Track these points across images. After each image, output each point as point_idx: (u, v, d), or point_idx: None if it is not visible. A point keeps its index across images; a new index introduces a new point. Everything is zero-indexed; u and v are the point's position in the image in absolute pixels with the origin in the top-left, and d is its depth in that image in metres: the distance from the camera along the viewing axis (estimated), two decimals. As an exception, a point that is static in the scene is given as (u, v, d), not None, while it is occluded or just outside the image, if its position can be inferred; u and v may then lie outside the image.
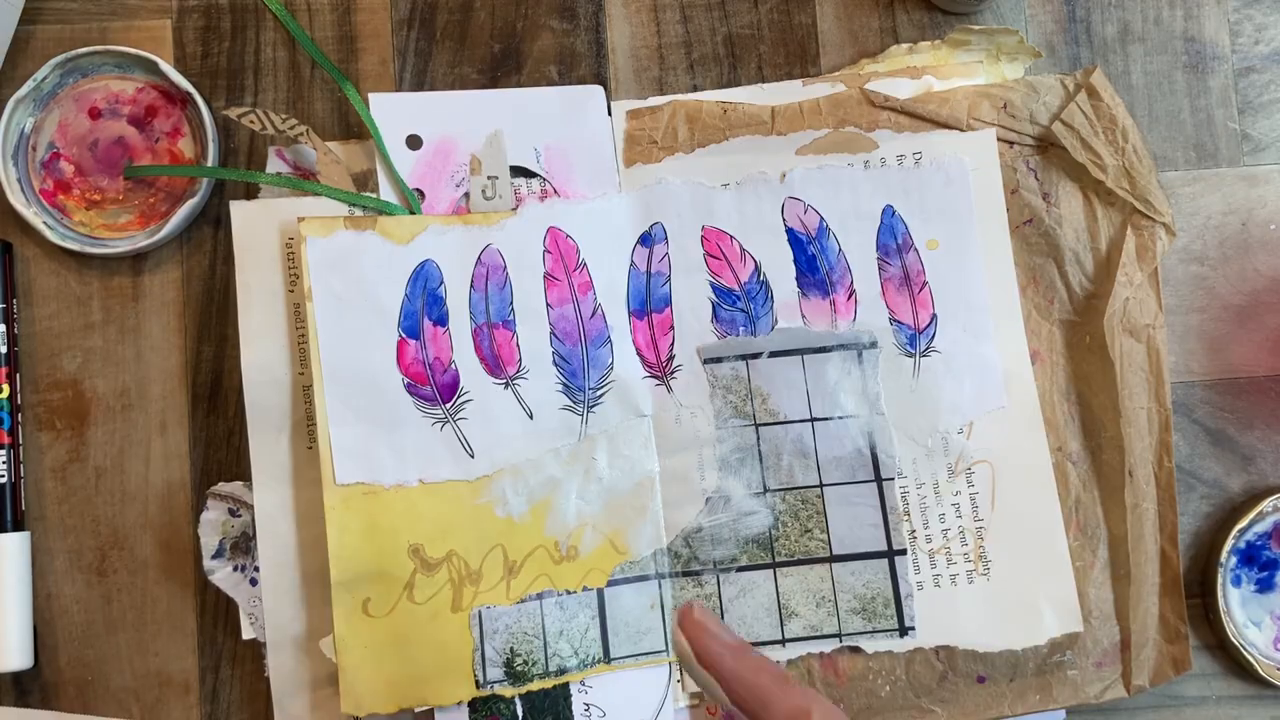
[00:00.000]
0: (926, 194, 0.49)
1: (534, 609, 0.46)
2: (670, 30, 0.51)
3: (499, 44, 0.51)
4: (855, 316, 0.49)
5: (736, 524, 0.48)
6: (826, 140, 0.49)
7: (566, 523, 0.47)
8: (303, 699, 0.46)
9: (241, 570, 0.47)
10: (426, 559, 0.46)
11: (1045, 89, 0.49)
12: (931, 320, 0.49)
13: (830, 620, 0.47)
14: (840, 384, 0.48)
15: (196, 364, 0.49)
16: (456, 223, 0.47)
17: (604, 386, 0.48)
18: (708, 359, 0.48)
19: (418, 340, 0.47)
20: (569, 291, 0.48)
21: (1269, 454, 0.50)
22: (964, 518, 0.48)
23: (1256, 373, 0.50)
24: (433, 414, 0.46)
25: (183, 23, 0.50)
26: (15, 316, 0.48)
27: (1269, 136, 0.51)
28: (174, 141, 0.49)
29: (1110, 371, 0.47)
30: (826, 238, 0.49)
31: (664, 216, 0.49)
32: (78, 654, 0.48)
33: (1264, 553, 0.49)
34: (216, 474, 0.48)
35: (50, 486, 0.48)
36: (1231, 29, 0.51)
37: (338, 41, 0.50)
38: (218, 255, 0.49)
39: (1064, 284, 0.49)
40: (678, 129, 0.49)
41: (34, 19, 0.50)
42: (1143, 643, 0.47)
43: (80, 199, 0.49)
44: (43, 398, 0.49)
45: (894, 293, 0.49)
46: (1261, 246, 0.50)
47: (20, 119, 0.48)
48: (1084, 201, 0.49)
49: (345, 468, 0.45)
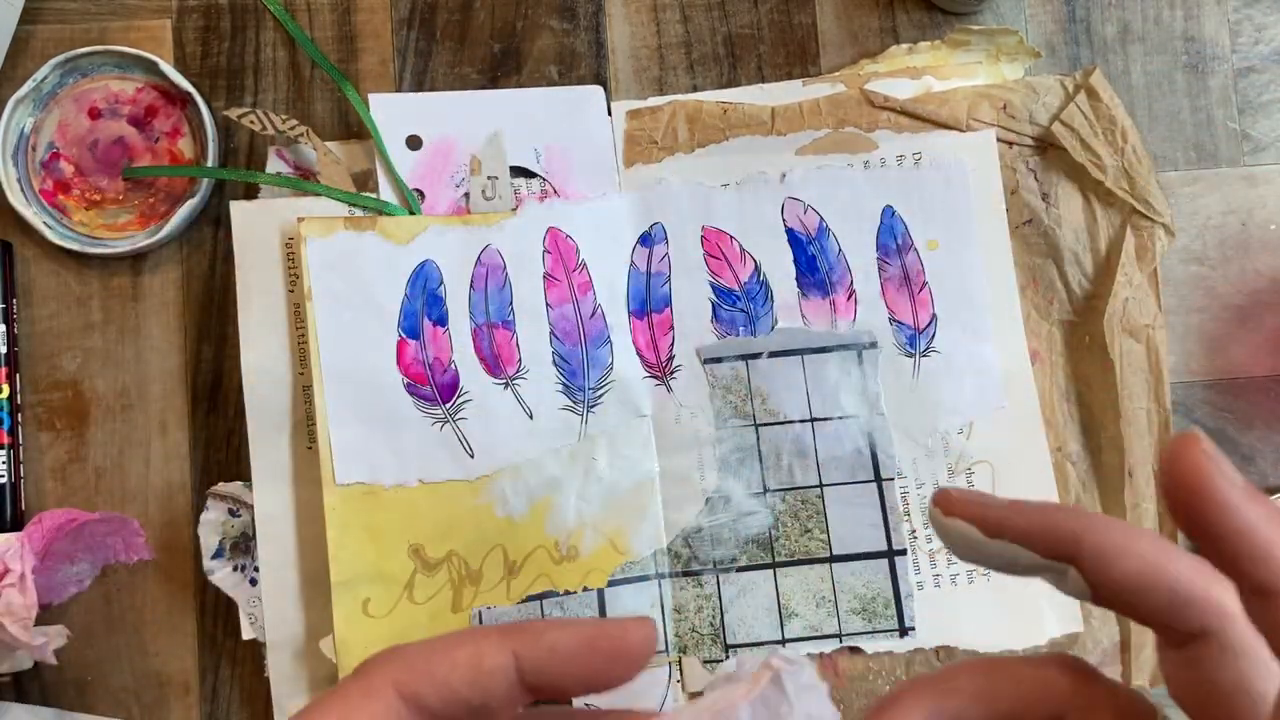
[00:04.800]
0: (926, 194, 0.49)
1: (534, 609, 0.46)
2: (670, 30, 0.51)
3: (499, 44, 0.51)
4: (855, 317, 0.49)
5: (736, 524, 0.48)
6: (826, 140, 0.49)
7: (566, 523, 0.47)
8: (303, 699, 0.46)
9: (241, 570, 0.47)
10: (426, 559, 0.46)
11: (1045, 89, 0.49)
12: (931, 320, 0.49)
13: (830, 620, 0.47)
14: (840, 384, 0.48)
15: (196, 364, 0.49)
16: (456, 223, 0.47)
17: (604, 386, 0.48)
18: (708, 359, 0.48)
19: (418, 340, 0.47)
20: (569, 291, 0.48)
21: (1269, 454, 0.50)
22: (964, 518, 0.48)
23: (1256, 373, 0.50)
24: (433, 414, 0.46)
25: (183, 23, 0.50)
26: (15, 316, 0.48)
27: (1269, 136, 0.51)
28: (174, 141, 0.49)
29: (1110, 372, 0.47)
30: (826, 238, 0.49)
31: (664, 216, 0.49)
32: (77, 654, 0.48)
33: (1264, 553, 0.49)
34: (216, 474, 0.48)
35: (50, 486, 0.48)
36: (1231, 29, 0.51)
37: (338, 41, 0.50)
38: (218, 255, 0.49)
39: (1063, 284, 0.49)
40: (678, 129, 0.49)
41: (34, 19, 0.50)
42: (1143, 643, 0.47)
43: (80, 199, 0.49)
44: (43, 398, 0.49)
45: (894, 293, 0.49)
46: (1261, 246, 0.50)
47: (20, 119, 0.48)
48: (1083, 202, 0.49)
49: (345, 468, 0.45)
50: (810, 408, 0.48)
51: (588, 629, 0.24)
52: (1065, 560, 0.24)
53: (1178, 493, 0.22)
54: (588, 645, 0.24)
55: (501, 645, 0.23)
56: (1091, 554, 0.23)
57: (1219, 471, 0.21)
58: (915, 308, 0.49)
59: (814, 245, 0.49)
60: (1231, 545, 0.21)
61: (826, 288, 0.49)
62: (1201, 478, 0.21)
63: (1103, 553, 0.23)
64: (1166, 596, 0.23)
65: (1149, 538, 0.23)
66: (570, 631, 0.24)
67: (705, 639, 0.47)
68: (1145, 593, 0.23)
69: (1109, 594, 0.23)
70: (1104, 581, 0.23)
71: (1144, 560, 0.23)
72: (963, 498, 0.25)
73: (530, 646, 0.23)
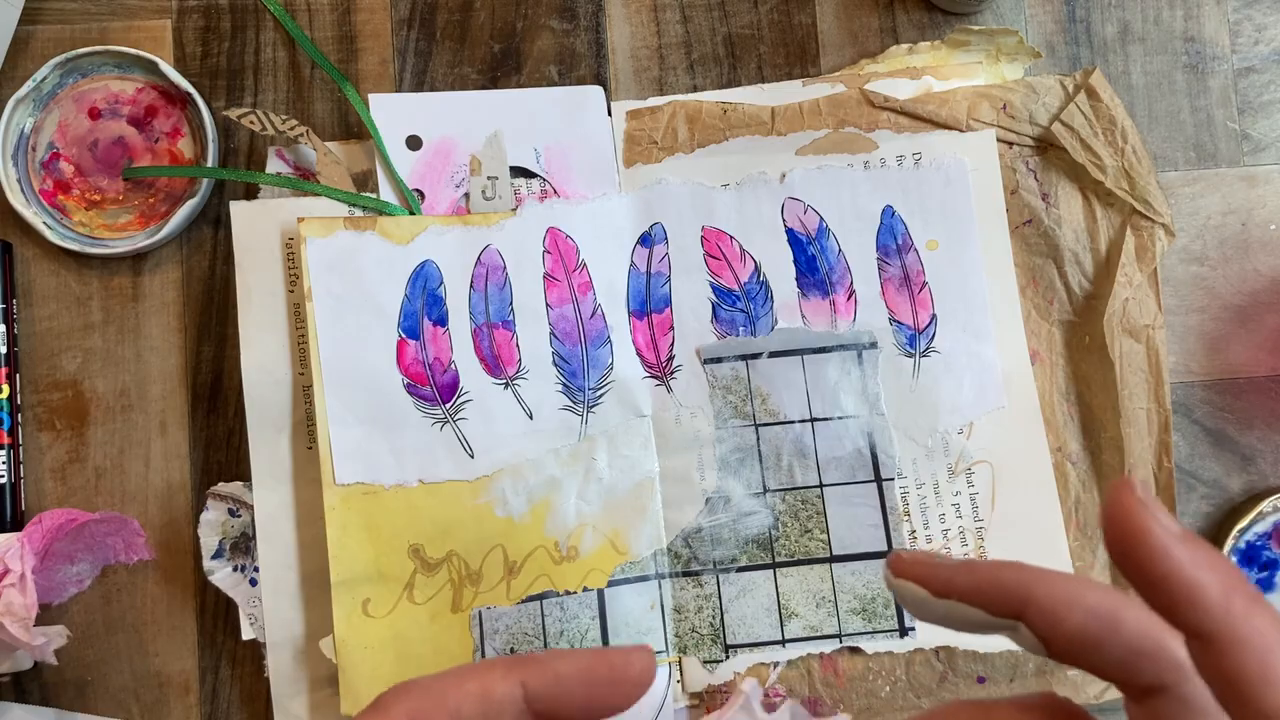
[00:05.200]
0: (926, 194, 0.49)
1: (534, 609, 0.46)
2: (670, 30, 0.51)
3: (499, 44, 0.51)
4: (855, 317, 0.49)
5: (736, 524, 0.48)
6: (826, 140, 0.49)
7: (566, 523, 0.47)
8: (303, 699, 0.46)
9: (241, 570, 0.47)
10: (426, 559, 0.46)
11: (1045, 90, 0.49)
12: (931, 320, 0.49)
13: (830, 620, 0.47)
14: (840, 384, 0.48)
15: (196, 364, 0.49)
16: (456, 223, 0.47)
17: (604, 387, 0.48)
18: (708, 359, 0.48)
19: (418, 340, 0.47)
20: (569, 292, 0.48)
21: (1269, 454, 0.50)
22: (964, 518, 0.48)
23: (1256, 373, 0.50)
24: (432, 414, 0.46)
25: (183, 23, 0.50)
26: (15, 316, 0.48)
27: (1269, 136, 0.51)
28: (174, 142, 0.49)
29: (1110, 372, 0.47)
30: (826, 238, 0.49)
31: (664, 217, 0.49)
32: (77, 654, 0.48)
33: (1264, 553, 0.49)
34: (216, 474, 0.48)
35: (50, 486, 0.48)
36: (1231, 29, 0.51)
37: (337, 41, 0.50)
38: (218, 255, 0.49)
39: (1063, 284, 0.49)
40: (678, 129, 0.49)
41: (34, 19, 0.50)
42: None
43: (80, 199, 0.49)
44: (43, 398, 0.49)
45: (894, 293, 0.49)
46: (1261, 246, 0.50)
47: (20, 119, 0.48)
48: (1083, 202, 0.49)
49: (345, 468, 0.45)
50: (810, 408, 0.48)
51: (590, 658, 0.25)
52: (1013, 617, 0.24)
53: (1112, 536, 0.22)
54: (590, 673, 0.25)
55: (509, 675, 0.24)
56: (1039, 610, 0.23)
57: (1152, 517, 0.21)
58: (915, 308, 0.49)
59: (814, 245, 0.49)
60: (1167, 591, 0.21)
61: (826, 288, 0.49)
62: (1135, 523, 0.21)
63: (1051, 608, 0.23)
64: (1119, 650, 0.22)
65: (1098, 590, 0.23)
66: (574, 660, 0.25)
67: (705, 639, 0.47)
68: (1098, 647, 0.22)
69: (1061, 649, 0.23)
70: (1054, 636, 0.23)
71: (1093, 613, 0.22)
72: (912, 558, 0.26)
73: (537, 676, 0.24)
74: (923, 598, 0.25)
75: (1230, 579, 0.21)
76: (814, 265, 0.49)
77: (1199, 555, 0.21)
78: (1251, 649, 0.20)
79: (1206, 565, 0.21)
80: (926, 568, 0.25)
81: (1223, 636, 0.20)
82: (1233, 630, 0.20)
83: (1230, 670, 0.20)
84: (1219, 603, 0.20)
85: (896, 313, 0.49)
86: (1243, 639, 0.20)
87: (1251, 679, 0.20)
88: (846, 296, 0.49)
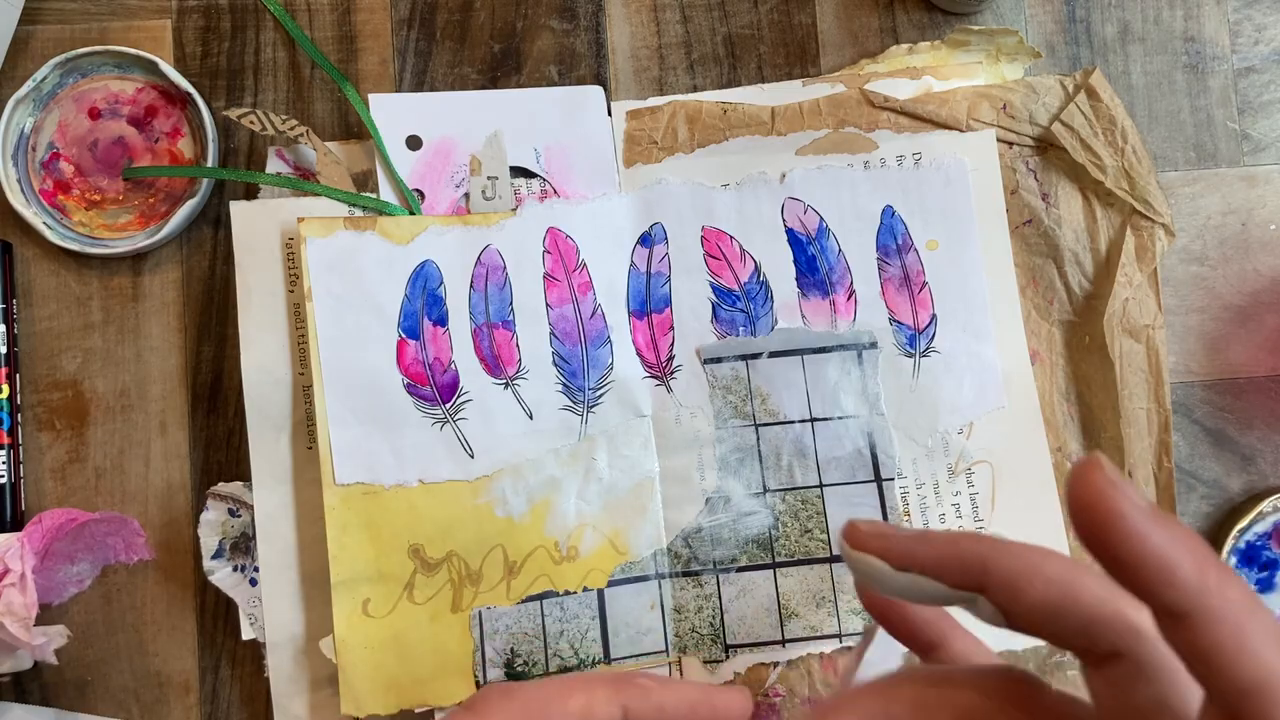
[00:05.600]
0: (926, 194, 0.49)
1: (534, 609, 0.46)
2: (670, 30, 0.51)
3: (499, 44, 0.51)
4: (855, 317, 0.49)
5: (736, 524, 0.48)
6: (826, 140, 0.49)
7: (566, 523, 0.47)
8: (303, 699, 0.46)
9: (241, 570, 0.47)
10: (426, 559, 0.46)
11: (1044, 90, 0.49)
12: (931, 320, 0.49)
13: (830, 620, 0.47)
14: (840, 384, 0.48)
15: (196, 364, 0.49)
16: (456, 223, 0.47)
17: (604, 387, 0.48)
18: (708, 359, 0.48)
19: (418, 340, 0.47)
20: (569, 292, 0.48)
21: (1269, 454, 0.50)
22: (964, 518, 0.48)
23: (1256, 373, 0.50)
24: (432, 414, 0.46)
25: (182, 23, 0.50)
26: (15, 316, 0.48)
27: (1269, 136, 0.51)
28: (174, 142, 0.49)
29: (1110, 372, 0.47)
30: (826, 238, 0.49)
31: (664, 217, 0.49)
32: (77, 654, 0.48)
33: (1264, 553, 0.49)
34: (216, 474, 0.48)
35: (50, 486, 0.48)
36: (1231, 29, 0.51)
37: (337, 41, 0.50)
38: (218, 255, 0.49)
39: (1063, 284, 0.49)
40: (678, 129, 0.49)
41: (34, 19, 0.50)
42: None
43: (80, 199, 0.49)
44: (43, 398, 0.49)
45: (894, 293, 0.49)
46: (1261, 246, 0.50)
47: (20, 119, 0.48)
48: (1083, 202, 0.49)
49: (345, 468, 0.45)
50: (810, 408, 0.48)
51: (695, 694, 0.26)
52: (973, 589, 0.23)
53: (1081, 518, 0.21)
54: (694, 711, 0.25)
55: (612, 698, 0.25)
56: (999, 580, 0.23)
57: (1122, 495, 0.21)
58: (915, 308, 0.49)
59: (814, 245, 0.49)
60: (1137, 569, 0.21)
61: (826, 288, 0.49)
62: (1105, 502, 0.21)
63: (1010, 579, 0.23)
64: (1078, 619, 0.22)
65: (1057, 560, 0.23)
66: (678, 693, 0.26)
67: (705, 639, 0.47)
68: (1056, 617, 0.22)
69: (1021, 619, 0.23)
70: (1014, 608, 0.23)
71: (1052, 584, 0.22)
72: (870, 529, 0.25)
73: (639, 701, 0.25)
74: (884, 571, 0.25)
75: (1202, 554, 0.20)
76: (814, 265, 0.49)
77: (1172, 534, 0.20)
78: (1226, 622, 0.20)
79: (1181, 544, 0.20)
80: (887, 540, 0.25)
81: (1198, 612, 0.20)
82: (1207, 606, 0.20)
83: (1205, 644, 0.20)
84: (1194, 581, 0.20)
85: (896, 313, 0.49)
86: (1217, 613, 0.20)
87: (1226, 650, 0.20)
88: (846, 296, 0.49)
